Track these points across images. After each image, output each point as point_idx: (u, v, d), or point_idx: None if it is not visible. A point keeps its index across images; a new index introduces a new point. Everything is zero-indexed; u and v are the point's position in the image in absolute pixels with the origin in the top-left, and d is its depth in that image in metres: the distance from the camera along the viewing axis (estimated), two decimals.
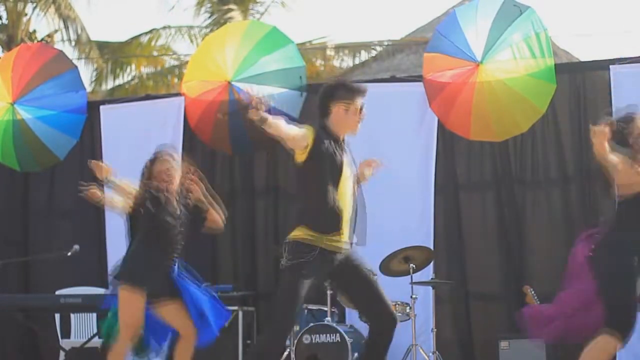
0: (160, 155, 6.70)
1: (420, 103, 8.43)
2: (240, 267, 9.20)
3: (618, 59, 8.15)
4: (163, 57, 20.62)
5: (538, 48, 7.95)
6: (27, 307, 8.15)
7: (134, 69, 20.46)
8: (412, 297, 7.59)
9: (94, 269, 9.14)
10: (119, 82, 20.21)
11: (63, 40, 19.34)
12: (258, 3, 20.21)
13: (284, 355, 7.75)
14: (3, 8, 19.03)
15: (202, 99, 8.73)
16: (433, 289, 7.96)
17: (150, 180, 6.63)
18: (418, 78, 8.58)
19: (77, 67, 9.48)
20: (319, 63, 19.84)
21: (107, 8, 26.22)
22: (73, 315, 8.78)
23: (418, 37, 16.31)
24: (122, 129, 9.21)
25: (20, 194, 9.70)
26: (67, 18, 19.07)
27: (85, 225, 9.31)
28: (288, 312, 5.30)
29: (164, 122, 9.01)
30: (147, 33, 20.08)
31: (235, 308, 8.43)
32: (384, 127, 8.34)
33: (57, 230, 9.45)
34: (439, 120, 8.41)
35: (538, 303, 7.80)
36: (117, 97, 17.23)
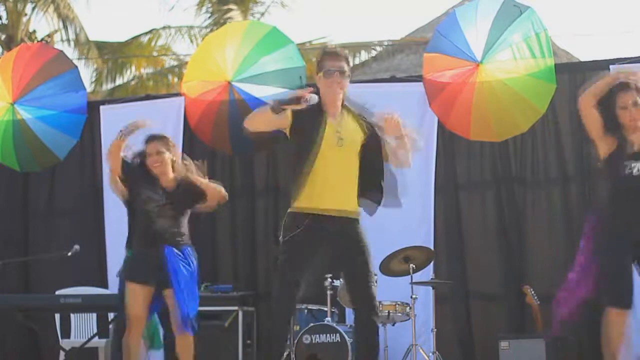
0: (152, 137, 6.75)
1: (420, 103, 8.43)
2: (240, 267, 9.19)
3: (618, 59, 8.15)
4: (163, 57, 20.60)
5: (538, 48, 7.95)
6: (27, 307, 8.12)
7: (134, 69, 20.45)
8: (412, 297, 7.59)
9: (94, 269, 9.15)
10: (119, 82, 20.21)
11: (62, 41, 19.36)
12: (258, 3, 20.21)
13: (284, 355, 7.75)
14: (3, 8, 19.03)
15: (202, 99, 8.72)
16: (433, 289, 7.96)
17: (143, 162, 6.69)
18: (418, 78, 8.58)
19: (77, 67, 9.46)
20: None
21: (107, 8, 26.23)
22: (73, 315, 8.77)
23: (418, 37, 16.28)
24: None
25: (20, 194, 9.70)
26: (65, 18, 19.06)
27: (85, 225, 9.31)
28: (284, 286, 5.29)
29: (164, 122, 9.00)
30: (147, 33, 20.08)
31: (235, 308, 8.43)
32: None
33: (57, 230, 9.45)
34: (439, 120, 8.41)
35: (538, 303, 7.82)
36: (117, 97, 17.23)
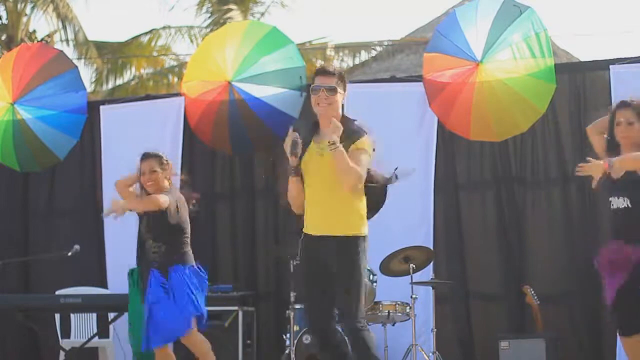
0: (146, 155, 6.76)
1: (420, 103, 8.43)
2: (240, 267, 9.19)
3: (618, 59, 8.15)
4: (163, 57, 20.61)
5: (538, 48, 7.94)
6: (27, 307, 8.14)
7: (134, 69, 20.45)
8: (412, 297, 7.59)
9: (94, 269, 9.15)
10: (119, 82, 20.21)
11: (62, 41, 19.36)
12: (258, 3, 20.22)
13: (284, 355, 7.75)
14: (3, 8, 19.03)
15: (202, 99, 8.72)
16: (433, 289, 7.95)
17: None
18: (418, 78, 8.58)
19: (77, 67, 9.46)
20: (319, 63, 19.80)
21: (107, 8, 26.23)
22: (73, 315, 8.78)
23: (418, 37, 16.27)
24: (122, 129, 9.20)
25: (20, 194, 9.70)
26: (65, 18, 19.06)
27: (85, 225, 9.31)
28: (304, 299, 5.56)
29: (164, 122, 9.01)
30: (147, 33, 20.09)
31: (235, 308, 8.43)
32: (384, 127, 8.31)
33: (57, 230, 9.45)
34: (439, 120, 8.41)
35: (538, 303, 7.82)
36: (117, 97, 17.22)
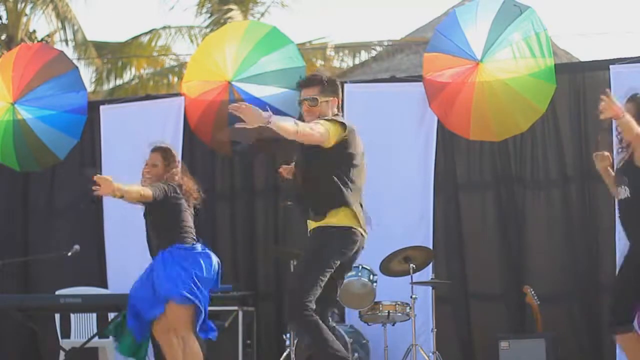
0: (156, 149, 6.83)
1: (420, 103, 8.43)
2: (240, 267, 9.19)
3: (618, 59, 8.15)
4: (163, 57, 20.60)
5: (538, 48, 7.94)
6: (27, 307, 8.12)
7: (134, 69, 20.45)
8: (412, 297, 7.58)
9: (94, 269, 9.15)
10: (119, 82, 20.21)
11: (61, 41, 19.36)
12: (258, 3, 20.21)
13: (284, 355, 7.75)
14: (3, 8, 19.02)
15: (202, 99, 8.72)
16: (433, 289, 7.95)
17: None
18: (418, 78, 8.57)
19: (77, 67, 9.46)
20: (319, 63, 19.81)
21: (107, 8, 26.23)
22: (73, 315, 8.77)
23: (418, 37, 16.29)
24: (122, 129, 9.20)
25: (20, 194, 9.70)
26: (64, 18, 19.06)
27: (85, 225, 9.31)
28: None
29: (164, 122, 9.01)
30: (147, 33, 20.08)
31: (235, 308, 8.43)
32: (384, 127, 8.33)
33: (56, 230, 9.44)
34: (439, 120, 8.41)
35: (538, 303, 7.82)
36: (117, 97, 17.22)
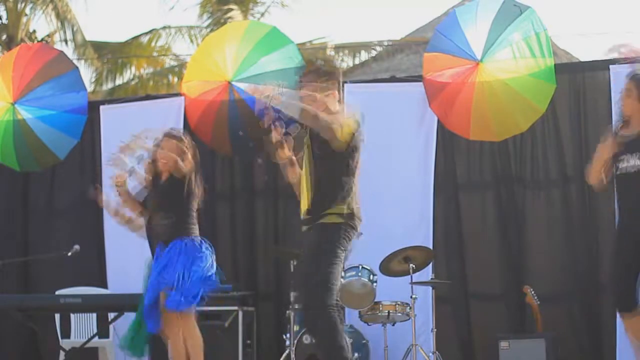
0: (171, 135, 6.90)
1: (420, 103, 8.43)
2: (240, 267, 9.19)
3: (618, 59, 8.15)
4: (163, 57, 20.60)
5: (538, 48, 7.94)
6: (27, 307, 8.13)
7: (134, 69, 20.44)
8: (412, 297, 7.58)
9: (94, 269, 9.15)
10: (119, 82, 20.21)
11: (61, 41, 19.34)
12: (258, 3, 20.19)
13: (284, 355, 7.75)
14: (3, 8, 19.02)
15: (202, 99, 8.72)
16: (433, 289, 7.95)
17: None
18: (418, 78, 8.57)
19: (77, 67, 9.46)
20: (319, 63, 19.77)
21: (107, 8, 26.22)
22: (73, 315, 8.77)
23: (418, 37, 16.29)
24: (122, 129, 9.15)
25: (20, 194, 9.70)
26: (64, 19, 19.05)
27: (85, 225, 9.31)
28: None
29: (164, 122, 8.98)
30: (147, 33, 20.06)
31: (235, 308, 8.43)
32: (384, 127, 8.33)
33: (56, 230, 9.44)
34: (439, 120, 8.41)
35: (538, 303, 7.82)
36: (117, 97, 17.22)
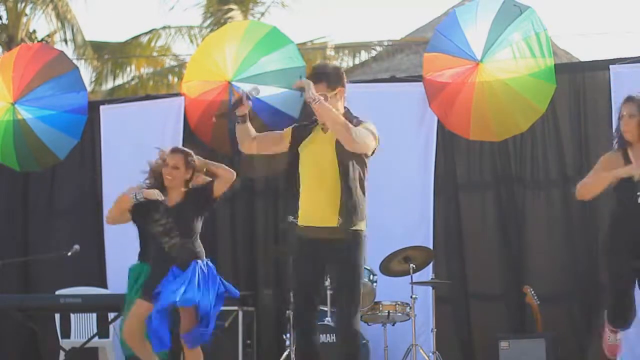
0: (176, 150, 6.63)
1: (420, 103, 8.43)
2: (240, 267, 9.19)
3: (618, 59, 8.15)
4: (163, 57, 20.60)
5: (538, 48, 7.94)
6: (27, 307, 8.15)
7: (134, 69, 20.44)
8: (412, 297, 7.58)
9: (94, 269, 9.14)
10: (119, 82, 20.22)
11: (61, 41, 19.35)
12: (258, 3, 20.20)
13: (284, 355, 7.75)
14: (3, 8, 19.02)
15: (202, 99, 8.72)
16: (433, 289, 7.95)
17: (158, 172, 6.59)
18: (418, 78, 8.57)
19: (77, 67, 9.46)
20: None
21: (107, 8, 26.23)
22: (73, 315, 8.77)
23: (418, 37, 16.30)
24: (122, 129, 9.21)
25: (20, 194, 9.70)
26: (64, 19, 19.05)
27: (85, 225, 9.31)
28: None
29: (164, 122, 9.01)
30: (146, 33, 20.08)
31: (235, 308, 8.42)
32: (384, 127, 8.28)
33: (56, 230, 9.44)
34: (439, 120, 8.41)
35: (538, 303, 7.82)
36: (117, 97, 17.22)
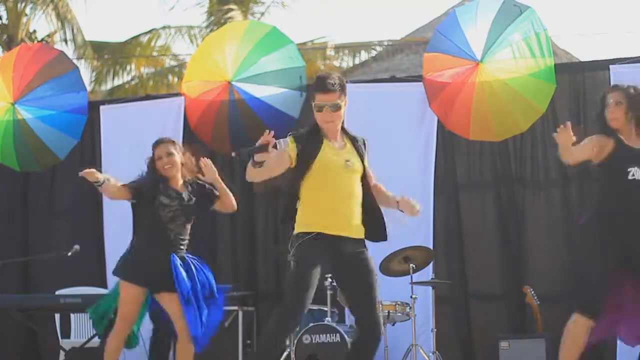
0: (161, 140, 6.72)
1: (420, 103, 8.43)
2: (240, 267, 9.19)
3: (618, 59, 8.16)
4: (163, 57, 20.60)
5: (538, 48, 7.95)
6: (27, 307, 8.14)
7: (134, 69, 20.45)
8: (412, 297, 7.59)
9: (94, 269, 9.14)
10: (119, 82, 20.22)
11: (61, 41, 19.35)
12: (258, 3, 20.21)
13: (284, 355, 7.75)
14: (3, 8, 19.02)
15: (202, 99, 8.73)
16: (433, 289, 7.96)
17: (153, 168, 6.64)
18: (418, 78, 8.58)
19: (77, 67, 9.47)
20: (319, 63, 19.80)
21: (107, 8, 26.23)
22: (73, 315, 8.77)
23: (418, 37, 16.31)
24: (122, 129, 9.21)
25: (20, 194, 9.70)
26: (64, 19, 19.05)
27: (85, 225, 9.31)
28: (294, 298, 5.14)
29: (164, 122, 9.00)
30: (146, 33, 20.09)
31: (235, 308, 8.43)
32: (384, 127, 8.33)
33: (56, 230, 9.44)
34: (439, 120, 8.41)
35: (538, 303, 7.82)
36: (117, 97, 17.22)
